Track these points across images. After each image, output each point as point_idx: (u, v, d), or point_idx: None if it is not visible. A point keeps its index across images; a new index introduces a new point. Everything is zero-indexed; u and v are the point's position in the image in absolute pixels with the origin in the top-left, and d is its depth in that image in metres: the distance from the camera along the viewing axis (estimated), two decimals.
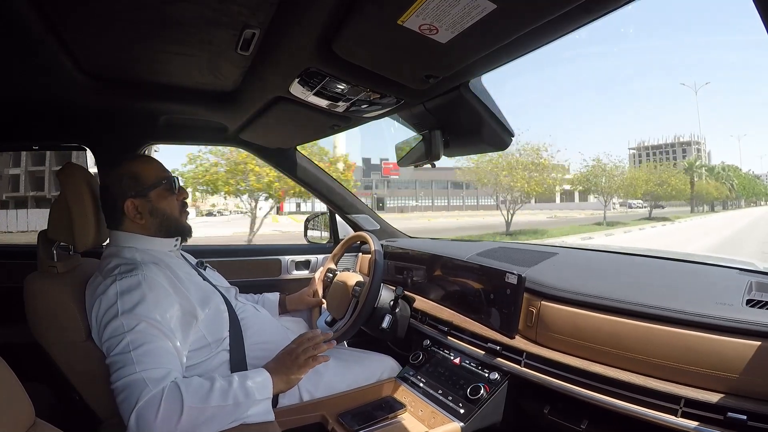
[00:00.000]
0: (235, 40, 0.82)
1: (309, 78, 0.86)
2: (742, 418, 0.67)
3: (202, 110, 1.30)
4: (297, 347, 0.92)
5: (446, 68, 0.77)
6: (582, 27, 0.61)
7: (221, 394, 0.80)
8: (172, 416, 0.74)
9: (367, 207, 1.84)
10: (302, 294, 1.42)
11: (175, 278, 0.92)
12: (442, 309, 1.31)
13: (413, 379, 1.17)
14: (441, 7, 0.56)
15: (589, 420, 0.87)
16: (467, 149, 1.20)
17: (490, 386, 1.02)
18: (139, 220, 0.95)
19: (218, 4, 0.70)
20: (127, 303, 0.82)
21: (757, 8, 0.42)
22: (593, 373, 0.86)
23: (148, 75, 1.06)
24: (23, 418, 0.60)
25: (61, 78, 0.99)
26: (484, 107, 0.91)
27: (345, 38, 0.69)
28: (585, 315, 0.92)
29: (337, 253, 1.52)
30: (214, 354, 0.94)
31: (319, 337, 0.95)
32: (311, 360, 0.91)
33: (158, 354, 0.79)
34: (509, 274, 1.07)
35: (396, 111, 1.05)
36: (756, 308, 0.77)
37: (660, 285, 0.96)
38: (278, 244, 1.81)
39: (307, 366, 0.91)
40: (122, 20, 0.76)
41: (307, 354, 0.91)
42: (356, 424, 1.00)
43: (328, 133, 1.36)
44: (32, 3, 0.69)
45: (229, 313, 0.99)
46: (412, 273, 1.51)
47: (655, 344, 0.80)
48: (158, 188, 0.96)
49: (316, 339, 0.94)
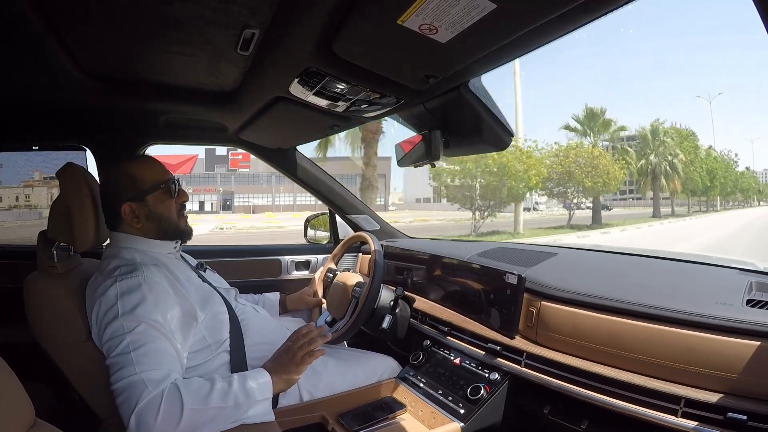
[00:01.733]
0: (235, 40, 0.82)
1: (309, 78, 0.86)
2: (742, 418, 0.67)
3: (202, 110, 1.30)
4: (293, 344, 0.92)
5: (446, 68, 0.77)
6: (582, 27, 0.61)
7: (221, 395, 0.80)
8: (172, 417, 0.74)
9: (367, 207, 1.83)
10: (302, 294, 1.42)
11: (175, 280, 0.92)
12: (442, 309, 1.30)
13: (413, 380, 1.16)
14: (441, 7, 0.56)
15: (589, 420, 0.87)
16: (467, 149, 1.20)
17: (491, 386, 1.02)
18: (137, 224, 0.95)
19: (218, 4, 0.70)
20: (128, 304, 0.82)
21: (757, 8, 0.42)
22: (593, 374, 0.86)
23: (148, 75, 1.06)
24: (23, 418, 0.60)
25: (61, 78, 0.99)
26: (484, 107, 0.91)
27: (345, 38, 0.69)
28: (585, 315, 0.92)
29: (337, 253, 1.52)
30: (215, 355, 0.94)
31: (313, 331, 0.94)
32: (308, 356, 0.90)
33: (158, 355, 0.79)
34: (509, 274, 1.07)
35: (396, 111, 1.05)
36: (756, 308, 0.77)
37: (660, 285, 0.96)
38: (278, 244, 1.81)
39: (305, 362, 0.90)
40: (122, 20, 0.77)
41: (304, 350, 0.90)
42: (356, 424, 1.00)
43: (327, 133, 1.36)
44: (32, 3, 0.69)
45: (229, 315, 0.99)
46: (412, 273, 1.51)
47: (656, 344, 0.80)
48: (156, 192, 0.95)
49: (311, 334, 0.93)
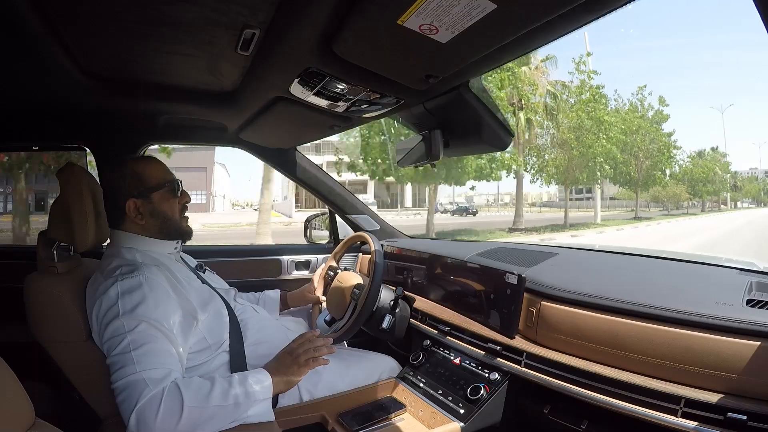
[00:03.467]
0: (235, 40, 0.82)
1: (309, 78, 0.86)
2: (742, 418, 0.67)
3: (202, 110, 1.30)
4: (297, 347, 0.92)
5: (446, 68, 0.77)
6: (582, 27, 0.61)
7: (221, 395, 0.80)
8: (172, 416, 0.74)
9: (367, 207, 1.83)
10: (303, 291, 1.42)
11: (176, 280, 0.92)
12: (442, 309, 1.30)
13: (413, 379, 1.16)
14: (441, 7, 0.56)
15: (589, 420, 0.87)
16: (467, 149, 1.20)
17: (490, 386, 1.02)
18: (140, 220, 0.95)
19: (218, 4, 0.70)
20: (128, 303, 0.82)
21: (757, 8, 0.42)
22: (593, 374, 0.86)
23: (148, 75, 1.06)
24: (23, 418, 0.60)
25: (61, 78, 0.99)
26: (484, 107, 0.91)
27: (345, 38, 0.69)
28: (585, 315, 0.92)
29: (338, 251, 1.52)
30: (215, 355, 0.94)
31: (320, 340, 0.94)
32: (311, 361, 0.91)
33: (159, 354, 0.79)
34: (509, 274, 1.07)
35: (396, 111, 1.05)
36: (756, 308, 0.77)
37: (660, 285, 0.96)
38: (278, 244, 1.81)
39: (308, 366, 0.90)
40: (122, 20, 0.76)
41: (308, 355, 0.91)
42: (356, 424, 1.00)
43: (327, 133, 1.36)
44: (32, 3, 0.69)
45: (229, 315, 0.99)
46: (412, 273, 1.51)
47: (655, 344, 0.80)
48: (161, 190, 0.97)
49: (318, 341, 0.93)
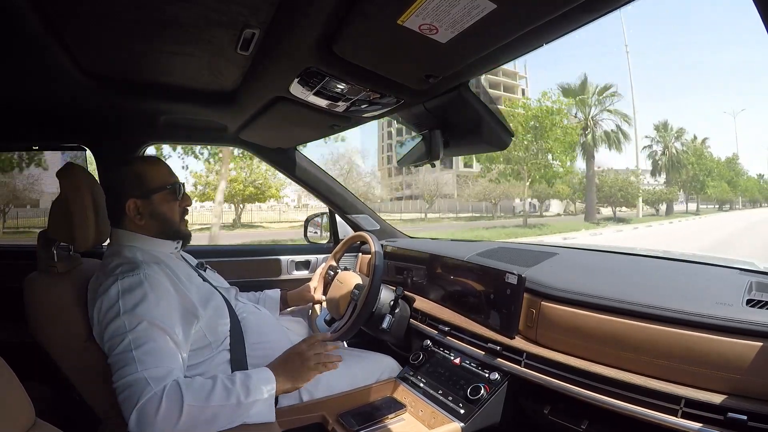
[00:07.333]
0: (235, 40, 0.82)
1: (309, 78, 0.86)
2: (742, 418, 0.67)
3: (202, 110, 1.30)
4: (308, 350, 0.91)
5: (446, 68, 0.77)
6: (582, 27, 0.61)
7: (223, 393, 0.80)
8: (172, 415, 0.74)
9: (367, 207, 1.83)
10: (303, 290, 1.42)
11: (176, 278, 0.92)
12: (442, 309, 1.30)
13: (413, 379, 1.16)
14: (441, 7, 0.56)
15: (589, 420, 0.87)
16: (467, 149, 1.20)
17: (491, 386, 1.02)
18: (139, 221, 0.95)
19: (218, 4, 0.70)
20: (129, 302, 0.82)
21: (757, 8, 0.42)
22: (593, 374, 0.85)
23: (149, 75, 1.06)
24: (23, 418, 0.60)
25: (61, 78, 0.99)
26: (484, 107, 0.91)
27: (345, 38, 0.69)
28: (585, 315, 0.92)
29: (338, 251, 1.52)
30: (215, 354, 0.94)
31: (330, 345, 0.94)
32: (321, 365, 0.90)
33: (160, 353, 0.79)
34: (509, 274, 1.07)
35: (396, 111, 1.05)
36: (756, 308, 0.77)
37: (660, 285, 0.96)
38: (278, 244, 1.81)
39: (317, 370, 0.90)
40: (122, 20, 0.76)
41: (319, 359, 0.90)
42: (356, 424, 1.00)
43: (327, 133, 1.36)
44: (32, 3, 0.69)
45: (230, 313, 0.99)
46: (412, 273, 1.51)
47: (656, 344, 0.80)
48: (162, 192, 0.97)
49: (328, 347, 0.93)
